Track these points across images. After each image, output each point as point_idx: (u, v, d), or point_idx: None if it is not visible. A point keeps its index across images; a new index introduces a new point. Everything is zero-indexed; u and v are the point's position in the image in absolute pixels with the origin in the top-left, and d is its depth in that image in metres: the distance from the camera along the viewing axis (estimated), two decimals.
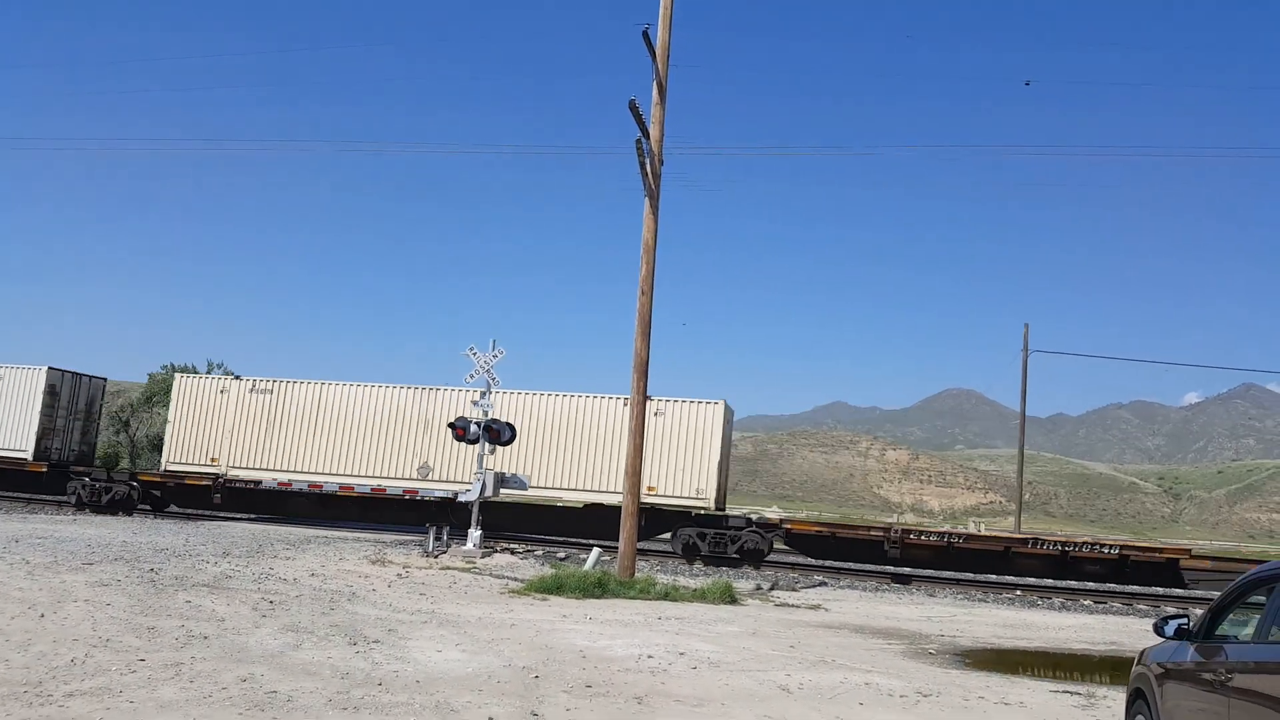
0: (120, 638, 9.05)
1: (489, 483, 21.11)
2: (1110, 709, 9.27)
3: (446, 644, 10.23)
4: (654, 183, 17.79)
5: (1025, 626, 16.43)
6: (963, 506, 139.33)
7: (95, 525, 21.94)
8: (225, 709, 6.85)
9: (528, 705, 7.67)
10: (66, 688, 7.07)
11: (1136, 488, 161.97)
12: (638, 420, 17.59)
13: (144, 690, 7.17)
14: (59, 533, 18.99)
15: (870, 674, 10.26)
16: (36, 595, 11.06)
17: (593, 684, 8.66)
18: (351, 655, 9.18)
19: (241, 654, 8.80)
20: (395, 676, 8.38)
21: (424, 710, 7.27)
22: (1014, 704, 9.25)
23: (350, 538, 23.58)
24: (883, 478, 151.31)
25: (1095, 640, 15.42)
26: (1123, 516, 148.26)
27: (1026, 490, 64.88)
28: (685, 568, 22.42)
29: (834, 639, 12.97)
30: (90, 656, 8.14)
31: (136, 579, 13.05)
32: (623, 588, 16.18)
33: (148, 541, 18.43)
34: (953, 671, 11.21)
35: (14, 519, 22.53)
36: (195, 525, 24.21)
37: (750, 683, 9.25)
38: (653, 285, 17.76)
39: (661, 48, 17.88)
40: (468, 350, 21.97)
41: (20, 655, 7.99)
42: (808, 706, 8.39)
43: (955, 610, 17.98)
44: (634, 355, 17.68)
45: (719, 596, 16.17)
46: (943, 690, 9.64)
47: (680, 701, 8.21)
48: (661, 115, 17.96)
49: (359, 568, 17.34)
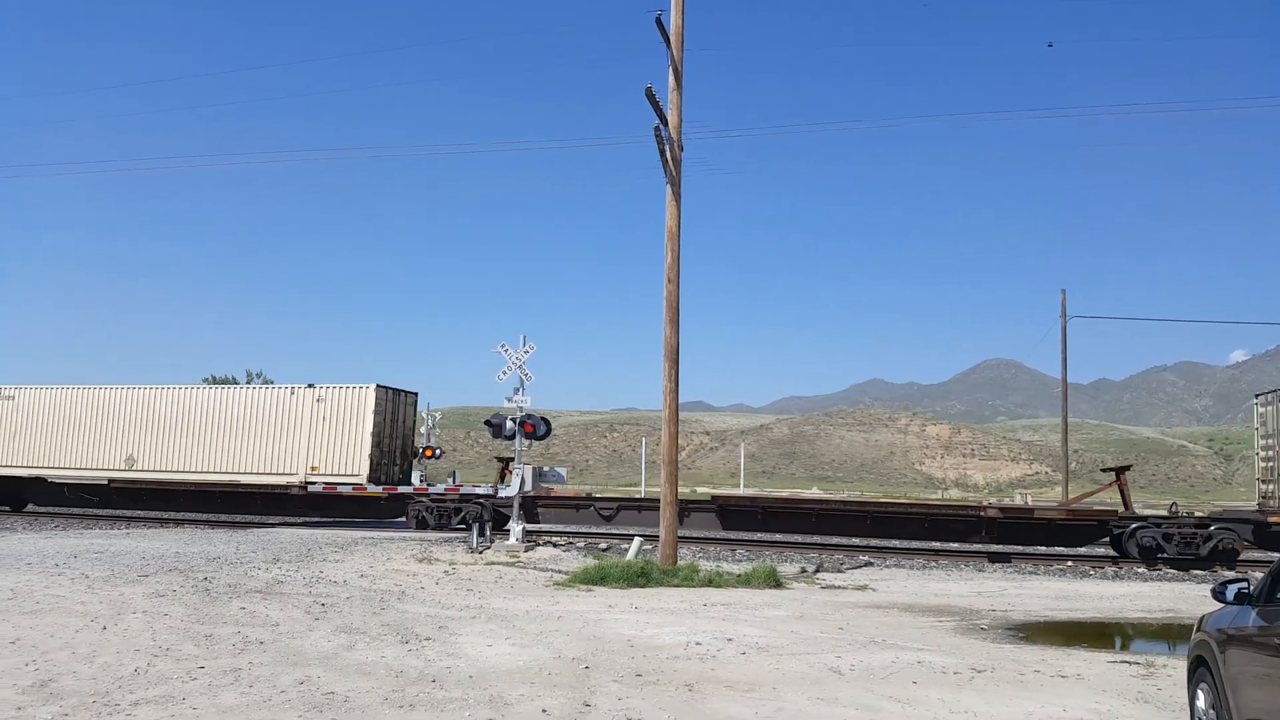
0: (180, 646, 9.23)
1: (528, 477, 21.25)
2: (1171, 677, 9.15)
3: (496, 638, 10.32)
4: (674, 169, 17.73)
5: (1078, 597, 16.26)
6: (1007, 479, 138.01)
7: (148, 538, 22.36)
8: (284, 711, 6.97)
9: (580, 696, 7.73)
10: (132, 696, 7.23)
11: (1185, 451, 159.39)
12: (670, 408, 17.57)
13: (205, 696, 7.31)
14: (114, 546, 19.38)
15: (922, 652, 10.21)
16: (98, 608, 11.31)
17: (642, 673, 8.70)
18: (404, 653, 9.29)
19: (297, 657, 8.94)
20: (448, 673, 8.47)
21: (478, 705, 7.35)
22: (1071, 676, 9.17)
23: (397, 537, 23.83)
24: (924, 454, 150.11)
25: (1152, 608, 15.23)
26: (1173, 481, 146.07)
27: (1072, 459, 64.10)
28: (729, 554, 22.40)
29: (883, 619, 12.92)
30: (152, 666, 8.31)
31: (191, 588, 13.29)
32: (666, 576, 16.22)
33: (199, 551, 18.75)
34: (1006, 646, 11.12)
35: (70, 534, 23.01)
36: (245, 533, 24.59)
37: (800, 666, 9.25)
38: (679, 272, 17.73)
39: (675, 32, 17.80)
40: (499, 347, 22.07)
41: (87, 667, 8.18)
42: (860, 687, 8.37)
43: (1005, 584, 17.83)
44: (663, 343, 17.66)
45: (764, 581, 16.15)
46: (997, 665, 9.57)
47: (731, 687, 8.23)
48: (679, 101, 17.89)
49: (406, 566, 17.52)
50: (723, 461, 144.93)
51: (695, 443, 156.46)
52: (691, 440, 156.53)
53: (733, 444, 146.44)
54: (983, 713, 7.61)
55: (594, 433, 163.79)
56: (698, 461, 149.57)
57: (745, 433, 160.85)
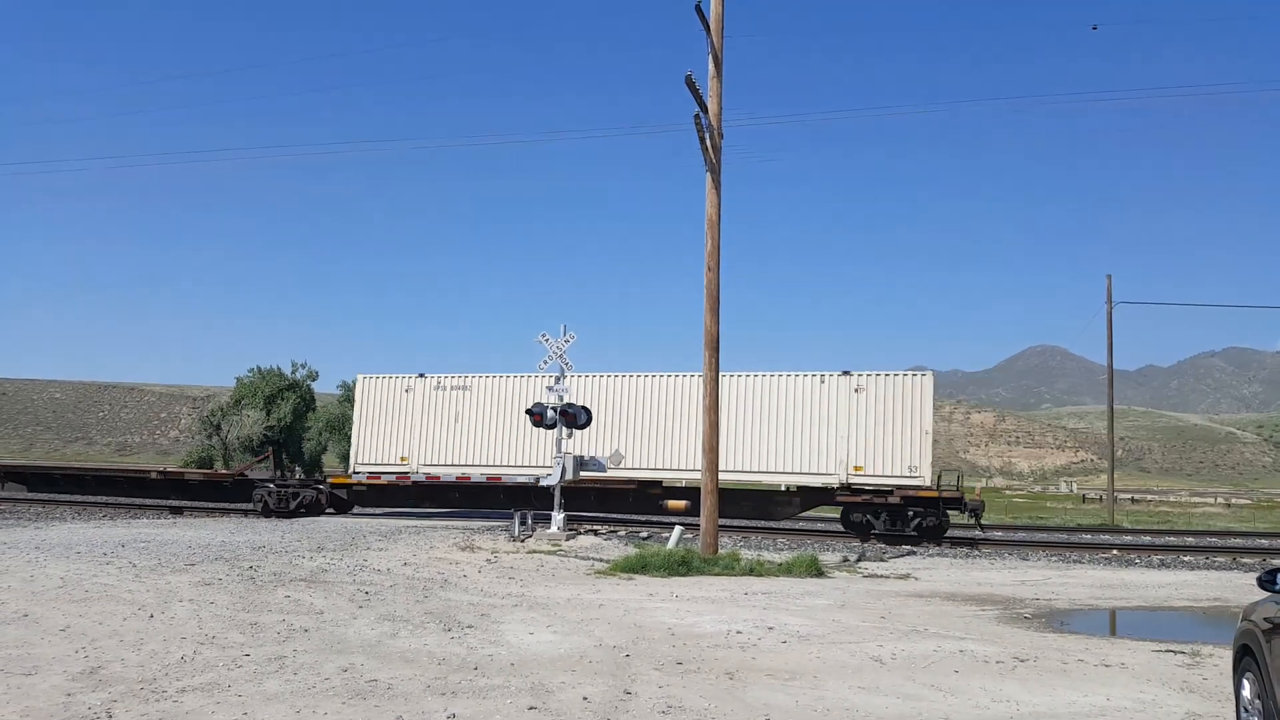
0: (225, 634, 9.38)
1: (568, 466, 21.32)
2: (1217, 667, 8.99)
3: (538, 626, 10.38)
4: (714, 157, 17.63)
5: (1123, 586, 16.01)
6: (1053, 466, 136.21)
7: (195, 527, 22.75)
8: (328, 699, 7.06)
9: (620, 684, 7.75)
10: (179, 684, 7.36)
11: (1234, 438, 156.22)
12: (710, 397, 17.53)
13: (250, 684, 7.43)
14: (161, 536, 19.74)
15: (964, 641, 10.12)
16: (144, 597, 11.53)
17: (683, 661, 8.70)
18: (447, 641, 9.38)
19: (341, 645, 9.05)
20: (490, 660, 8.53)
21: (520, 692, 7.39)
22: (1115, 665, 9.03)
23: (440, 526, 24.05)
24: (969, 441, 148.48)
25: (1198, 597, 14.96)
26: (1221, 468, 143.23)
27: (1119, 446, 63.03)
28: (770, 543, 22.33)
29: (925, 608, 12.81)
30: (198, 653, 8.46)
31: (237, 577, 13.51)
32: (707, 564, 16.21)
33: (245, 540, 19.05)
34: (1049, 635, 10.99)
35: (119, 524, 23.48)
36: (290, 523, 24.93)
37: (842, 654, 9.20)
38: (719, 261, 17.64)
39: (715, 19, 17.68)
40: (540, 336, 22.13)
41: (135, 654, 8.34)
42: (901, 676, 8.31)
43: (1049, 573, 17.61)
44: (704, 332, 17.60)
45: (805, 570, 16.09)
46: (1040, 654, 9.46)
47: (772, 675, 8.21)
48: (719, 89, 17.77)
49: (449, 555, 17.68)
50: None
51: None
52: None
53: None
54: (1025, 701, 7.52)
55: None
56: None
57: None
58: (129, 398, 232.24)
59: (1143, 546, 22.10)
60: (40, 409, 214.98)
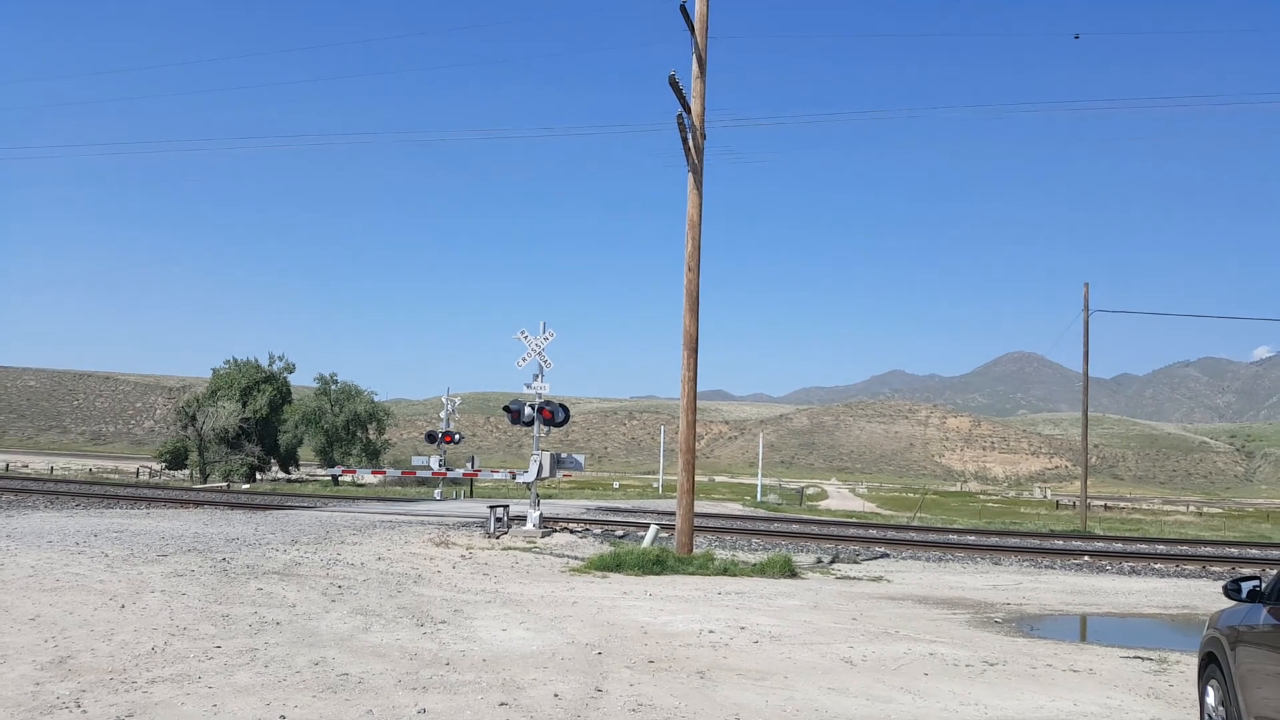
0: (197, 626, 9.33)
1: (545, 464, 21.31)
2: (1183, 673, 9.11)
3: (511, 623, 10.38)
4: (696, 157, 17.68)
5: (1094, 592, 16.18)
6: (1027, 472, 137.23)
7: (168, 518, 22.59)
8: (299, 691, 7.04)
9: (592, 681, 7.77)
10: (149, 674, 7.32)
11: (1207, 447, 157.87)
12: (688, 397, 17.57)
13: (221, 676, 7.40)
14: (134, 526, 19.59)
15: (935, 644, 10.20)
16: (116, 587, 11.44)
17: (655, 659, 8.73)
18: (419, 636, 9.37)
19: (313, 638, 9.02)
20: (462, 656, 8.53)
21: (491, 688, 7.40)
22: (1083, 671, 9.14)
23: (415, 521, 23.98)
24: (944, 446, 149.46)
25: (1168, 604, 15.14)
26: (1194, 477, 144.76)
27: (1093, 453, 63.63)
28: (745, 543, 22.41)
29: (897, 610, 12.90)
30: (169, 644, 8.41)
31: (209, 569, 13.43)
32: (681, 564, 16.25)
33: (219, 532, 18.93)
34: (1019, 640, 11.09)
35: (92, 514, 23.28)
36: (264, 515, 24.79)
37: (812, 655, 9.26)
38: (699, 261, 17.69)
39: (700, 20, 17.72)
40: (519, 334, 22.10)
41: (105, 644, 8.29)
42: (871, 678, 8.37)
43: (1021, 578, 17.76)
44: (683, 332, 17.64)
45: (779, 571, 16.17)
46: (1009, 659, 9.55)
47: (742, 675, 8.25)
48: (702, 89, 17.82)
49: (424, 550, 17.63)
50: (741, 451, 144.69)
51: (714, 432, 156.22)
52: (710, 429, 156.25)
53: (752, 434, 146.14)
54: (993, 705, 7.60)
55: (613, 420, 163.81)
56: (716, 450, 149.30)
57: (764, 422, 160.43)
58: (104, 387, 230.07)
59: (1114, 554, 22.33)
60: (14, 397, 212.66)
